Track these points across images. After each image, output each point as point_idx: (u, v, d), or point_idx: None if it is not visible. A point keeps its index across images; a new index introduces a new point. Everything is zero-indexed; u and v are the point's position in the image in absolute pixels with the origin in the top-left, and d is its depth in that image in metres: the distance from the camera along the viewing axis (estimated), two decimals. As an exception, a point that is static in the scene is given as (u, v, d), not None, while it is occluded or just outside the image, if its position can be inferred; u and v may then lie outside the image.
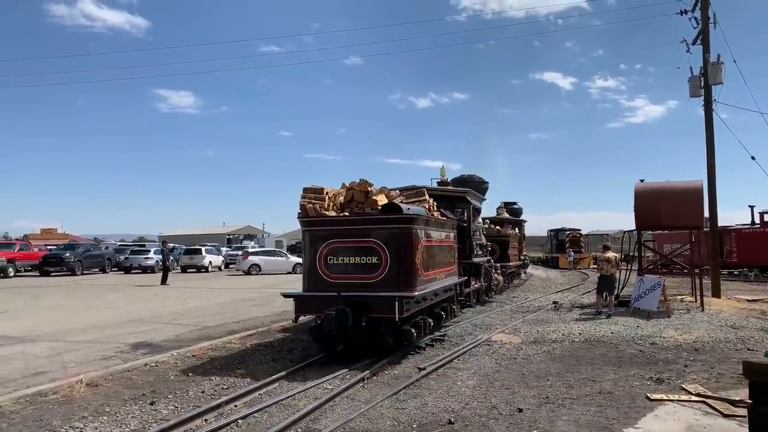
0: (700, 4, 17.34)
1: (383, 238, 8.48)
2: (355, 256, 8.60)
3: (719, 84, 17.01)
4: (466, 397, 6.66)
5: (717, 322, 12.12)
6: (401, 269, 8.49)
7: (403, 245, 8.53)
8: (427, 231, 9.45)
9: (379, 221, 8.69)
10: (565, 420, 5.78)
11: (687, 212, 14.25)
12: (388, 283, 8.39)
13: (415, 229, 8.72)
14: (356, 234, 8.67)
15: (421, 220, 9.06)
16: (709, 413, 5.95)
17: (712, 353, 9.13)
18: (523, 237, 28.58)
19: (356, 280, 8.53)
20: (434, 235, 10.00)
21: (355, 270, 8.57)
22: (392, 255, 8.43)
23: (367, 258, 8.52)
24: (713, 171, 16.84)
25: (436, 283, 9.87)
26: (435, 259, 9.94)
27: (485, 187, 19.12)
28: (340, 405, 6.34)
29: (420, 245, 8.88)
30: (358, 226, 8.75)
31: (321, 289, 8.66)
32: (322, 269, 8.73)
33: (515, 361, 8.71)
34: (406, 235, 8.58)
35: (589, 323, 12.15)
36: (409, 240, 8.60)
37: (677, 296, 16.33)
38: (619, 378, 7.53)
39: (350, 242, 8.68)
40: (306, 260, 9.02)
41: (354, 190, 9.29)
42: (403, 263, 8.50)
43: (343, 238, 8.70)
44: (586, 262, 41.65)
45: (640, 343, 10.01)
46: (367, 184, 9.25)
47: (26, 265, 33.60)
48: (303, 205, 8.96)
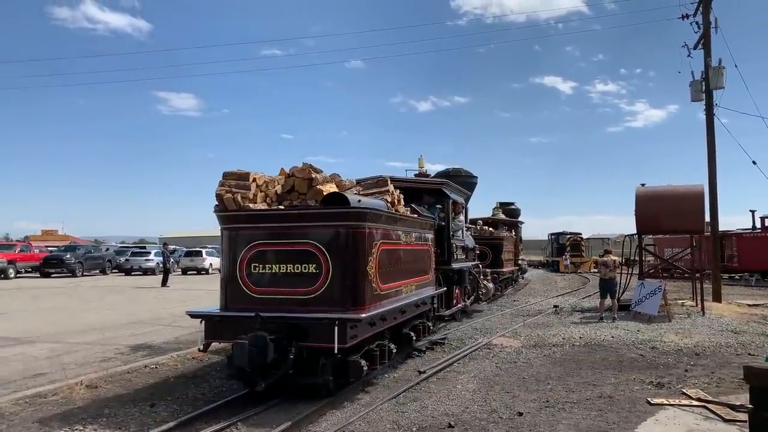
0: (702, 9, 17.36)
1: (324, 240, 6.49)
2: (286, 263, 6.54)
3: (720, 88, 17.00)
4: (466, 400, 6.64)
5: (718, 326, 12.09)
6: (348, 281, 6.46)
7: (351, 249, 6.50)
8: (388, 231, 7.41)
9: (318, 217, 6.64)
10: (565, 424, 5.77)
11: (688, 216, 14.23)
12: (330, 300, 6.38)
13: (369, 228, 6.70)
14: (288, 234, 6.65)
15: (377, 216, 6.99)
16: (709, 418, 5.93)
17: (713, 358, 9.11)
18: (519, 239, 26.80)
19: (288, 296, 6.51)
20: (400, 237, 7.96)
21: (287, 282, 6.53)
22: (335, 262, 6.41)
23: (302, 266, 6.49)
24: (714, 175, 16.83)
25: (401, 298, 7.84)
26: (401, 267, 7.91)
27: (473, 182, 17.27)
28: (340, 408, 6.33)
29: (376, 249, 6.88)
30: (291, 223, 6.70)
31: (241, 307, 6.59)
32: (243, 281, 6.66)
33: (515, 364, 8.69)
34: (356, 236, 6.53)
35: (590, 327, 12.13)
36: (360, 242, 6.56)
37: (678, 300, 16.30)
38: (620, 382, 7.51)
39: (280, 245, 6.65)
40: (224, 269, 6.96)
41: (295, 177, 7.18)
42: (350, 273, 6.47)
43: (270, 239, 6.69)
44: (587, 266, 41.61)
45: (641, 347, 9.99)
46: (312, 169, 7.18)
47: (27, 267, 33.62)
48: (219, 195, 6.87)
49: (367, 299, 6.62)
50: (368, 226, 6.70)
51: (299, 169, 7.24)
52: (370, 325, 6.70)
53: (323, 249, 6.48)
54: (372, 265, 6.77)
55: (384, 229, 7.27)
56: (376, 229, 6.94)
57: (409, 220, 8.54)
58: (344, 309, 6.34)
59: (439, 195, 11.71)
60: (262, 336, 6.01)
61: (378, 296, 6.97)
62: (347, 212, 6.54)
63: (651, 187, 15.50)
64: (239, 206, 6.79)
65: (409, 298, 8.23)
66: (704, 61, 17.24)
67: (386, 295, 7.28)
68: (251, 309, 6.39)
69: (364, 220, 6.63)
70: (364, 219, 6.64)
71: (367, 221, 6.69)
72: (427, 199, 11.15)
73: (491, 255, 19.52)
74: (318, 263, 6.47)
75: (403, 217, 8.29)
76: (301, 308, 6.41)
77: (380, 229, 7.12)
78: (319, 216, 6.68)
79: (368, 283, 6.67)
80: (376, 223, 6.94)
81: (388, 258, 7.37)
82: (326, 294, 6.43)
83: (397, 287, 7.79)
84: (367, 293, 6.64)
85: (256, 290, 6.65)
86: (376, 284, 6.88)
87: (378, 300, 6.96)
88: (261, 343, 5.97)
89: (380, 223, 7.13)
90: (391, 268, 7.51)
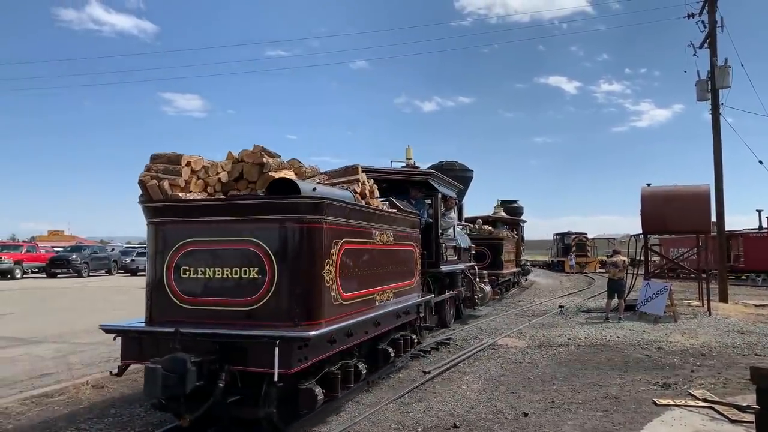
0: (707, 8, 17.30)
1: (268, 238, 5.24)
2: (222, 267, 5.31)
3: (726, 88, 16.94)
4: (471, 401, 6.64)
5: (724, 327, 12.04)
6: (297, 289, 5.20)
7: (302, 249, 5.25)
8: (355, 227, 6.18)
9: (260, 209, 5.34)
10: (570, 424, 5.76)
11: (694, 216, 14.17)
12: (275, 313, 5.16)
13: (327, 224, 5.46)
14: (225, 230, 5.39)
15: (339, 209, 5.74)
16: (716, 419, 5.91)
17: (720, 358, 9.07)
18: (521, 239, 25.48)
19: (224, 307, 5.29)
20: (373, 235, 6.74)
21: (224, 290, 5.29)
22: (282, 266, 5.17)
23: (241, 271, 5.27)
24: (720, 175, 16.77)
25: (375, 308, 6.67)
26: (374, 271, 6.75)
27: (468, 176, 16.24)
28: (345, 409, 6.33)
29: (337, 250, 5.66)
30: (228, 216, 5.42)
31: (169, 320, 5.36)
32: (171, 288, 5.43)
33: (521, 365, 8.68)
34: (309, 233, 5.29)
35: (595, 327, 12.10)
36: (314, 240, 5.33)
37: (684, 301, 16.24)
38: (625, 383, 7.49)
39: (215, 244, 5.40)
40: (149, 273, 5.67)
41: (244, 162, 5.98)
42: (300, 279, 5.22)
43: (204, 237, 5.43)
44: (592, 266, 41.52)
45: (647, 347, 9.96)
46: (265, 152, 5.98)
47: (33, 267, 33.83)
48: (142, 182, 5.60)
49: (323, 311, 5.34)
50: (326, 221, 5.43)
51: (249, 152, 5.97)
52: (330, 343, 5.42)
53: (267, 249, 5.21)
54: (331, 269, 5.51)
55: (349, 226, 5.99)
56: (337, 224, 5.67)
57: (385, 216, 7.27)
58: (292, 324, 5.06)
59: (426, 188, 10.42)
60: (181, 359, 4.74)
61: (340, 307, 5.68)
62: (297, 203, 5.24)
63: (657, 186, 15.45)
64: (166, 196, 5.51)
65: (386, 307, 7.00)
66: (710, 60, 17.18)
67: (352, 306, 6.00)
68: (179, 323, 5.17)
69: (320, 213, 5.35)
70: (321, 212, 5.36)
71: (325, 215, 5.41)
72: (414, 193, 9.98)
73: (490, 256, 18.56)
74: (261, 267, 5.18)
75: (377, 212, 7.01)
76: (239, 323, 5.16)
77: (344, 225, 5.83)
78: (262, 207, 5.35)
79: (325, 292, 5.40)
80: (337, 218, 5.66)
81: (354, 260, 6.10)
82: (270, 305, 5.15)
83: (369, 295, 6.53)
84: (324, 304, 5.37)
85: (186, 300, 5.37)
86: (336, 292, 5.60)
87: (340, 312, 5.67)
88: (180, 367, 4.71)
89: (344, 217, 5.83)
90: (360, 273, 6.26)
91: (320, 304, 5.35)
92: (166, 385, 4.69)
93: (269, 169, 5.84)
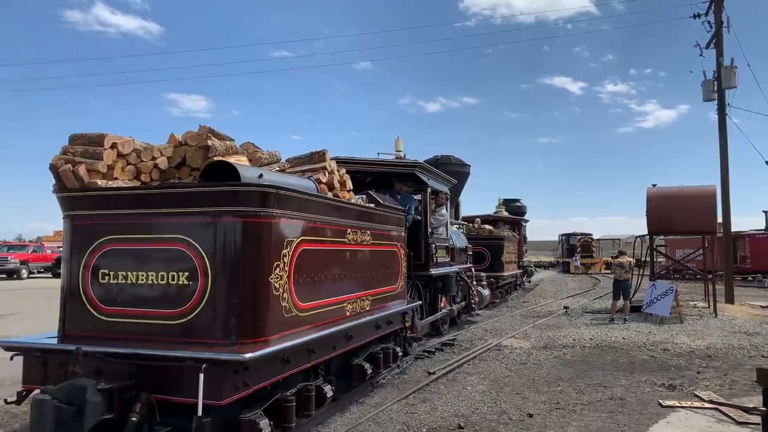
0: (714, 8, 17.25)
1: (201, 236, 4.32)
2: (147, 270, 4.40)
3: (733, 88, 16.89)
4: (476, 401, 6.63)
5: (730, 328, 11.98)
6: (235, 299, 4.24)
7: (243, 249, 4.32)
8: (317, 224, 5.23)
9: (192, 200, 4.40)
10: (575, 426, 5.75)
11: (700, 217, 14.12)
12: (207, 329, 4.23)
13: (278, 218, 4.55)
14: (151, 226, 4.48)
15: (295, 201, 4.80)
16: (722, 420, 5.88)
17: (726, 360, 9.03)
18: (523, 239, 24.42)
19: (150, 320, 4.37)
20: (345, 234, 5.86)
21: (150, 299, 4.39)
22: (217, 269, 4.26)
23: (168, 275, 4.35)
24: (726, 175, 16.71)
25: (344, 320, 5.75)
26: (344, 276, 5.81)
27: (465, 171, 15.16)
28: (350, 409, 6.33)
29: (291, 250, 4.73)
30: (154, 209, 4.49)
31: (85, 334, 4.47)
32: (88, 296, 4.52)
33: (525, 366, 8.66)
34: (252, 229, 4.37)
35: (601, 328, 12.06)
36: (258, 238, 4.41)
37: (690, 302, 16.18)
38: (631, 384, 7.46)
39: (140, 243, 4.47)
40: (64, 276, 4.73)
41: (187, 146, 5.12)
42: (240, 286, 4.29)
43: (126, 233, 4.51)
44: (597, 267, 41.42)
45: (652, 348, 9.92)
46: (212, 134, 5.17)
47: (39, 267, 33.97)
48: (54, 167, 4.67)
49: (270, 326, 4.43)
50: (276, 214, 4.51)
51: (193, 133, 5.15)
52: (284, 363, 4.60)
53: (199, 249, 4.29)
54: (282, 275, 4.58)
55: (310, 222, 5.07)
56: (291, 219, 4.75)
57: (360, 212, 6.30)
58: (227, 343, 4.16)
59: (414, 182, 9.23)
60: (80, 387, 3.81)
61: (295, 319, 4.77)
62: (236, 192, 4.32)
63: (662, 187, 15.40)
64: (82, 183, 4.58)
65: (362, 317, 6.13)
66: (716, 60, 17.13)
67: (312, 317, 5.07)
68: (96, 339, 4.36)
69: (267, 206, 4.41)
70: (269, 204, 4.42)
71: (275, 207, 4.48)
72: (399, 187, 8.92)
73: (489, 257, 17.75)
74: (192, 271, 4.28)
75: (350, 207, 6.05)
76: (166, 340, 4.26)
77: (301, 220, 4.91)
78: (192, 198, 4.40)
79: (273, 302, 4.47)
80: (292, 212, 4.75)
81: (316, 263, 5.19)
82: (203, 319, 4.23)
83: (337, 304, 5.59)
84: (272, 317, 4.45)
85: (105, 310, 4.47)
86: (289, 302, 4.69)
87: (295, 325, 4.77)
88: (78, 398, 3.75)
89: (302, 212, 4.91)
90: (325, 278, 5.36)
91: (265, 317, 4.39)
92: (59, 422, 3.69)
93: (215, 153, 4.94)
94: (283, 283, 4.63)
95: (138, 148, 5.01)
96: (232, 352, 4.11)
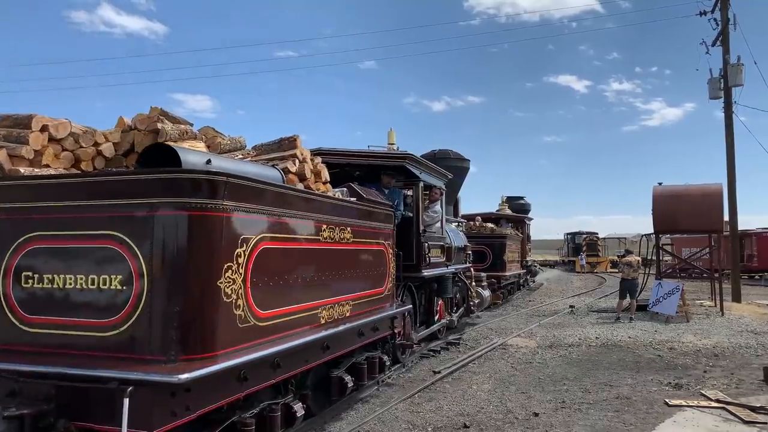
0: (720, 5, 17.17)
1: (136, 232, 3.66)
2: (76, 273, 3.73)
3: (739, 86, 16.84)
4: (481, 401, 6.62)
5: (737, 327, 11.93)
6: (177, 307, 3.59)
7: (187, 249, 3.66)
8: (283, 219, 4.53)
9: (124, 189, 3.76)
10: (581, 425, 5.74)
11: (706, 216, 14.07)
12: (143, 342, 3.57)
13: (229, 212, 3.86)
14: (80, 221, 3.80)
15: (251, 192, 4.13)
16: (729, 419, 5.86)
17: (732, 359, 8.99)
18: (527, 238, 23.57)
19: (79, 332, 3.69)
20: (319, 231, 5.10)
21: (79, 307, 3.71)
22: (156, 272, 3.59)
23: (100, 279, 3.68)
24: (733, 173, 16.65)
25: (319, 329, 5.02)
26: (320, 278, 5.10)
27: (464, 166, 14.43)
28: (355, 408, 6.34)
29: (248, 250, 4.04)
30: (83, 201, 3.83)
31: (6, 347, 3.83)
32: (10, 302, 3.87)
33: (531, 365, 8.65)
34: (196, 225, 3.70)
35: (606, 327, 12.03)
36: (206, 236, 3.75)
37: (696, 301, 16.13)
38: (637, 383, 7.44)
39: (68, 240, 3.81)
40: None
41: (136, 131, 4.61)
42: (183, 293, 3.64)
43: (53, 229, 3.85)
44: (603, 266, 41.32)
45: (658, 347, 9.89)
46: (164, 116, 4.67)
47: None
48: None
49: (220, 338, 3.73)
50: (228, 207, 3.82)
51: (144, 116, 4.61)
52: (240, 381, 3.94)
53: (134, 248, 3.61)
54: (235, 278, 3.89)
55: (273, 216, 4.38)
56: (249, 213, 4.07)
57: (339, 206, 5.61)
58: (166, 359, 3.49)
59: (404, 176, 8.54)
60: None
61: (253, 330, 4.08)
62: (176, 180, 3.67)
63: (668, 186, 15.35)
64: (2, 171, 4.06)
65: (340, 325, 5.41)
66: (723, 58, 17.07)
67: (277, 327, 4.38)
68: (18, 354, 3.74)
69: (216, 197, 3.73)
70: (218, 194, 3.74)
71: (226, 199, 3.79)
72: (386, 180, 8.25)
73: (491, 256, 17.17)
74: (126, 274, 3.61)
75: (323, 199, 5.32)
76: (95, 355, 3.60)
77: (262, 214, 4.24)
78: (126, 187, 3.74)
79: (224, 310, 3.78)
80: (249, 204, 4.06)
81: (282, 264, 4.50)
82: (138, 331, 3.55)
83: (308, 311, 4.87)
84: (222, 327, 3.76)
85: (29, 320, 3.79)
86: (245, 310, 3.99)
87: (254, 336, 4.08)
88: None
89: (262, 204, 4.23)
90: (292, 282, 4.64)
91: (213, 329, 3.71)
92: None
93: (166, 138, 4.34)
94: (237, 288, 3.92)
95: (76, 132, 4.44)
96: (170, 371, 3.45)
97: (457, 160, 13.96)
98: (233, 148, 5.16)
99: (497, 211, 21.92)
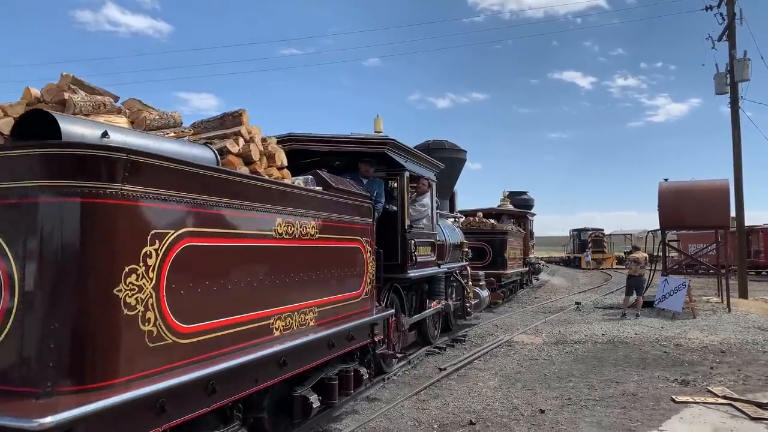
0: (726, 0, 17.06)
1: (6, 227, 2.83)
2: None
3: (746, 81, 16.74)
4: (487, 397, 6.63)
5: (744, 323, 11.89)
6: (58, 323, 2.74)
7: (75, 247, 2.80)
8: (217, 210, 3.65)
9: None
10: (587, 422, 5.73)
11: (712, 212, 14.03)
12: (12, 368, 2.75)
13: (132, 198, 3.00)
14: None
15: (169, 174, 3.24)
16: (736, 416, 5.84)
17: (739, 355, 8.96)
18: (530, 234, 22.54)
19: None
20: (274, 225, 4.28)
21: None
22: (31, 278, 2.76)
23: None
24: (740, 169, 16.58)
25: (273, 343, 4.20)
26: (273, 282, 4.24)
27: (460, 158, 13.21)
28: (361, 405, 6.35)
29: (163, 248, 3.16)
30: None
31: None
32: None
33: (537, 361, 8.64)
34: (87, 216, 2.83)
35: (612, 324, 12.00)
36: (101, 231, 2.89)
37: (703, 297, 16.07)
38: (643, 379, 7.43)
39: None
40: None
41: (43, 104, 3.74)
42: (66, 304, 2.78)
43: None
44: (609, 262, 41.23)
45: (665, 344, 9.86)
46: (81, 86, 3.94)
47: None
48: None
49: (120, 361, 2.93)
50: (130, 193, 2.99)
51: (53, 86, 3.82)
52: (157, 413, 3.10)
53: (3, 246, 2.83)
54: (142, 284, 3.04)
55: (201, 206, 3.49)
56: (163, 202, 3.20)
57: (298, 196, 4.72)
58: (40, 392, 2.68)
59: (387, 164, 7.70)
60: None
61: (171, 349, 3.23)
62: (55, 157, 2.84)
63: (674, 182, 15.31)
64: None
65: (301, 336, 4.58)
66: (729, 53, 16.97)
67: (207, 344, 3.52)
68: None
69: (113, 180, 2.91)
70: (115, 177, 2.91)
71: (127, 183, 2.96)
72: (365, 169, 7.37)
73: (491, 253, 16.34)
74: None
75: (273, 187, 4.44)
76: None
77: (184, 204, 3.35)
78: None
79: (126, 325, 2.95)
80: (163, 190, 3.19)
81: (213, 266, 3.61)
82: (4, 355, 2.78)
83: (255, 321, 4.02)
84: (123, 347, 2.94)
85: None
86: (159, 324, 3.14)
87: (174, 357, 3.25)
88: None
89: (183, 191, 3.34)
90: (231, 287, 3.75)
91: (109, 350, 2.89)
92: None
93: (74, 110, 3.62)
94: (145, 297, 3.05)
95: None
96: (43, 409, 2.57)
97: (452, 151, 12.78)
98: (164, 125, 4.24)
99: (499, 206, 21.05)
